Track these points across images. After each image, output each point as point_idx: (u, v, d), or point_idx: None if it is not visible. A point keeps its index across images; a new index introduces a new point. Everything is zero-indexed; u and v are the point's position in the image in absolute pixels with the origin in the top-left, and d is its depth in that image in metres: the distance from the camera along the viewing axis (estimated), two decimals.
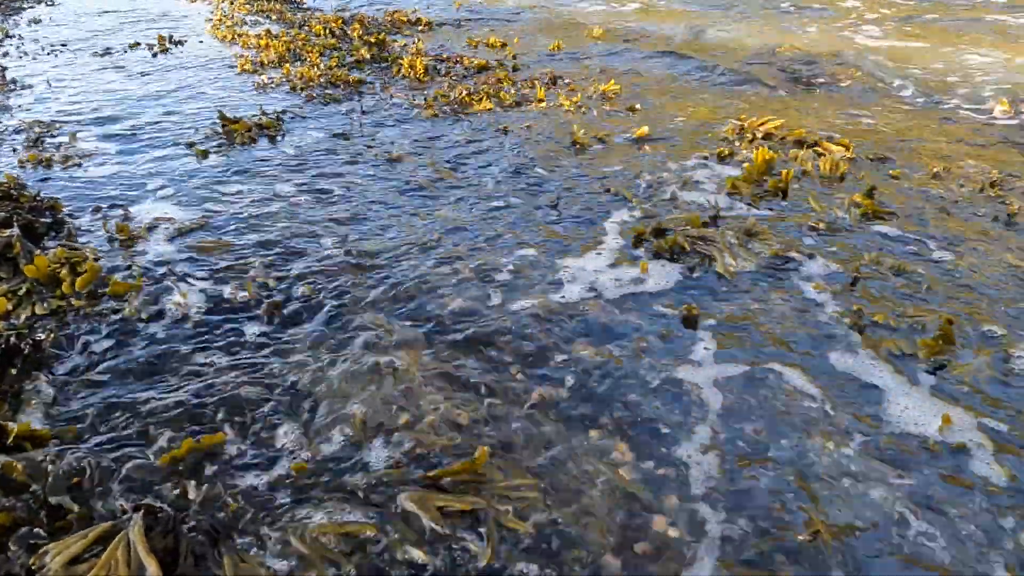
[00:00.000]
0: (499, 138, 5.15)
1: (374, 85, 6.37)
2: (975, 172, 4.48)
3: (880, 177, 4.43)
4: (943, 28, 8.22)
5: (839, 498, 2.16)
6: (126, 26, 9.11)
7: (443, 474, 2.15)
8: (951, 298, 3.14)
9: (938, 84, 6.35)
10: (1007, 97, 5.76)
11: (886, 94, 6.19)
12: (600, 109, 5.81)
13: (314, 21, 8.72)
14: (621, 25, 8.93)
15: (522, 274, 3.36)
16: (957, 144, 5.01)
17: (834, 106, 5.91)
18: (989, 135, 5.19)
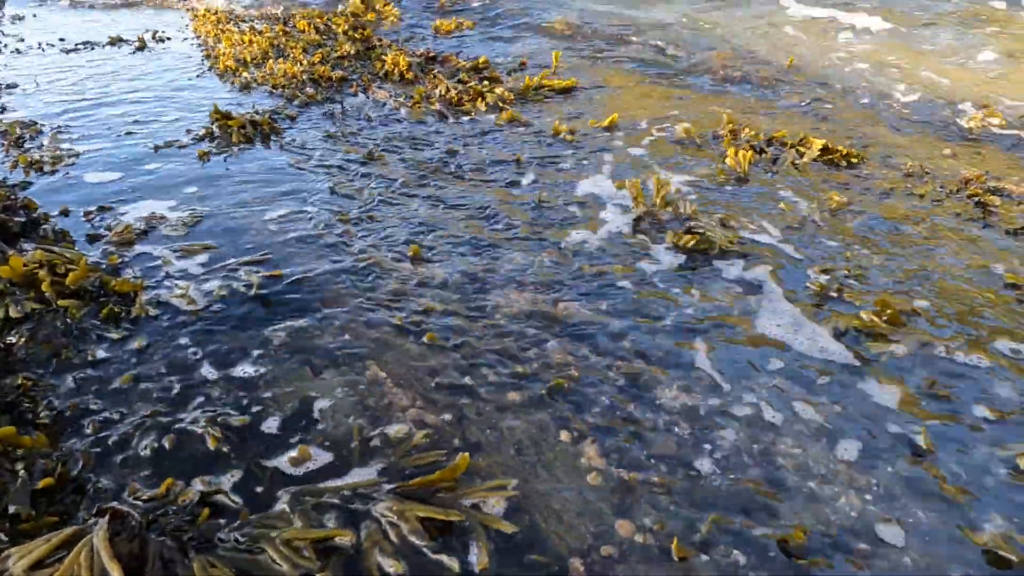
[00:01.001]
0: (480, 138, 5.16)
1: (357, 83, 6.34)
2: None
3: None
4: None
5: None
6: (109, 22, 9.04)
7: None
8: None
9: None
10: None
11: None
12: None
13: (298, 16, 8.67)
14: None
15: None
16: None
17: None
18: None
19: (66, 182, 4.31)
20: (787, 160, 4.65)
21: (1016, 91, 6.00)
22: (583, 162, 4.69)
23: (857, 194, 4.24)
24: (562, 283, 3.29)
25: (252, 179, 4.39)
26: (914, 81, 6.39)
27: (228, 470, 2.23)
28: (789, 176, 4.51)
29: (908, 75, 6.55)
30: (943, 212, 4.04)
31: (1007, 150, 5.05)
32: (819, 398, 2.61)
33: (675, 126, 5.23)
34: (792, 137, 4.95)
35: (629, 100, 6.00)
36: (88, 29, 8.61)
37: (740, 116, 5.52)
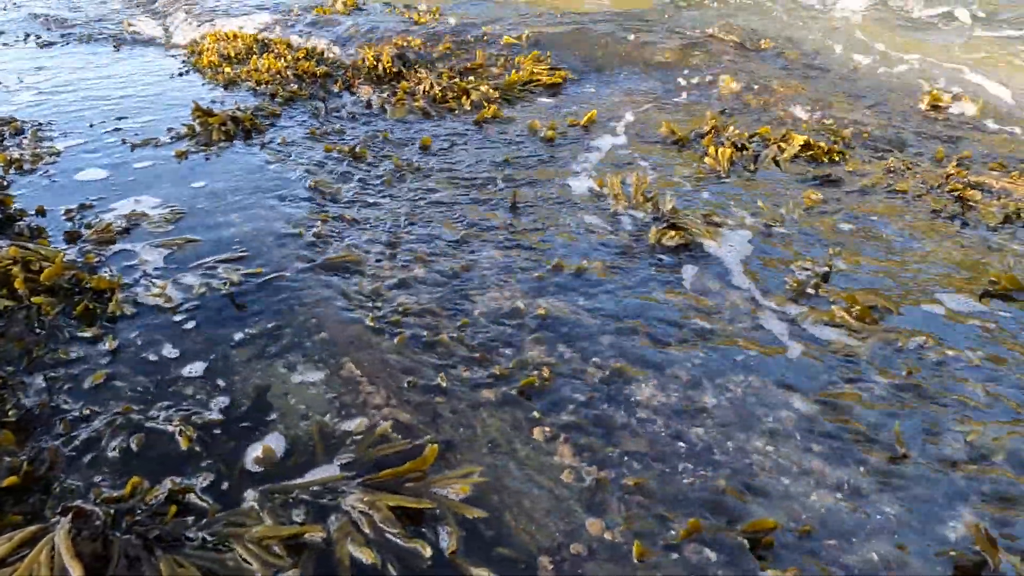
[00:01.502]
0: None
1: (341, 79, 6.32)
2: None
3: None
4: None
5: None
6: (90, 16, 8.98)
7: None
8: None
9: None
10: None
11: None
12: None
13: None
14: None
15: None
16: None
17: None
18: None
19: (46, 179, 4.28)
20: (768, 157, 4.66)
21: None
22: (563, 159, 4.69)
23: (835, 192, 4.25)
24: (540, 281, 3.28)
25: (233, 176, 4.37)
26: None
27: (199, 468, 2.22)
28: (769, 171, 4.52)
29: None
30: (922, 208, 4.06)
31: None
32: (794, 396, 2.62)
33: (660, 125, 5.22)
34: (774, 133, 4.97)
35: (614, 97, 6.00)
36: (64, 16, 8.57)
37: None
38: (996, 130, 5.31)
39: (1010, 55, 6.81)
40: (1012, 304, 3.16)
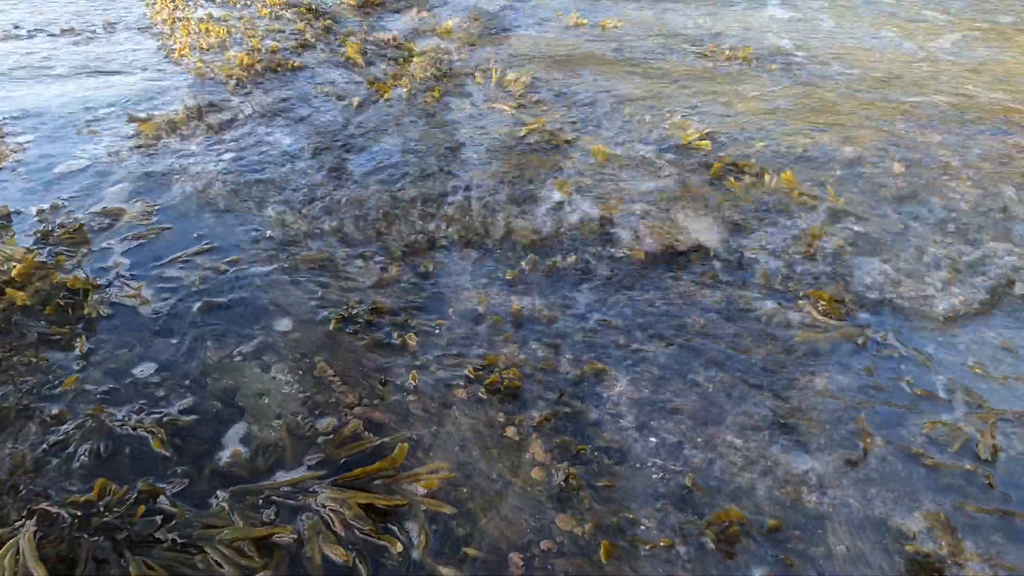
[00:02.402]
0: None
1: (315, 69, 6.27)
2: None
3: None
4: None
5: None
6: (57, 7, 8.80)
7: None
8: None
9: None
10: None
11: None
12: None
13: (259, 4, 8.53)
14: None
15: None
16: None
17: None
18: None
19: (13, 176, 4.21)
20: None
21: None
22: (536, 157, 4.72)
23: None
24: (515, 278, 3.31)
25: (198, 173, 4.31)
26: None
27: (170, 470, 2.22)
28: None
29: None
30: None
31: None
32: (761, 388, 2.67)
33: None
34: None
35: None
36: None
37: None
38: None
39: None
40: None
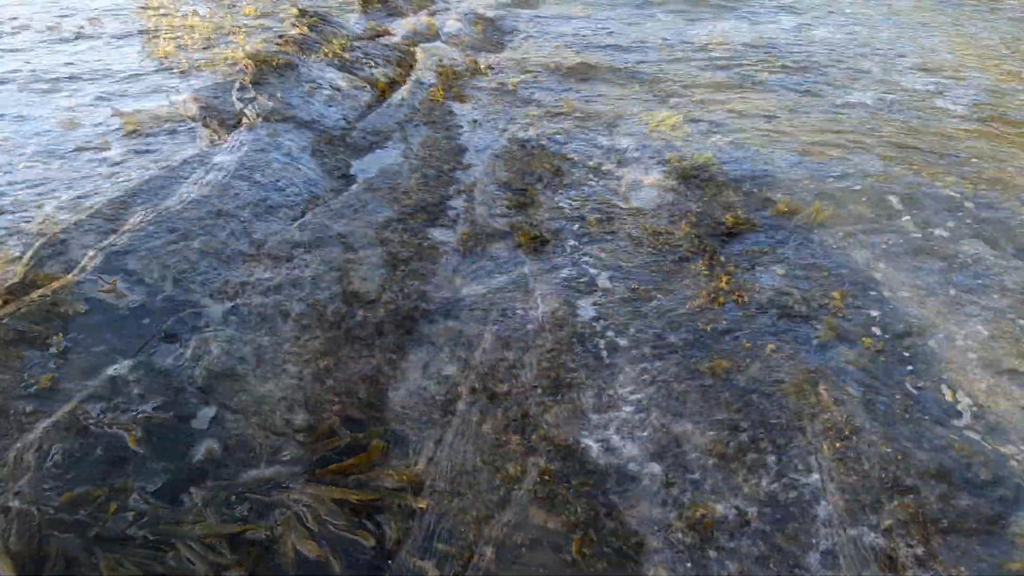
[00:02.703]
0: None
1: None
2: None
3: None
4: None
5: None
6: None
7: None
8: None
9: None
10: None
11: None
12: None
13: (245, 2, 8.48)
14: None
15: None
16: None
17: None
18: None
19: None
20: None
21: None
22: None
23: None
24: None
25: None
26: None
27: (144, 468, 2.16)
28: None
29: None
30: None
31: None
32: None
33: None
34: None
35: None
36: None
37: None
38: None
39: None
40: None
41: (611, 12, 9.85)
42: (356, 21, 9.05)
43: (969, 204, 4.01)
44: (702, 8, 10.18)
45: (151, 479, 2.09)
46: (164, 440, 2.24)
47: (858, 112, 5.54)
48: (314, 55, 6.58)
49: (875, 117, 5.44)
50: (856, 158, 4.64)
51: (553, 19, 9.47)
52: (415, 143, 5.03)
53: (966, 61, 6.92)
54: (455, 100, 6.14)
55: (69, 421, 2.24)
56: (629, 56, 7.48)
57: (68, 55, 6.35)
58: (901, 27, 8.16)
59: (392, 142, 5.02)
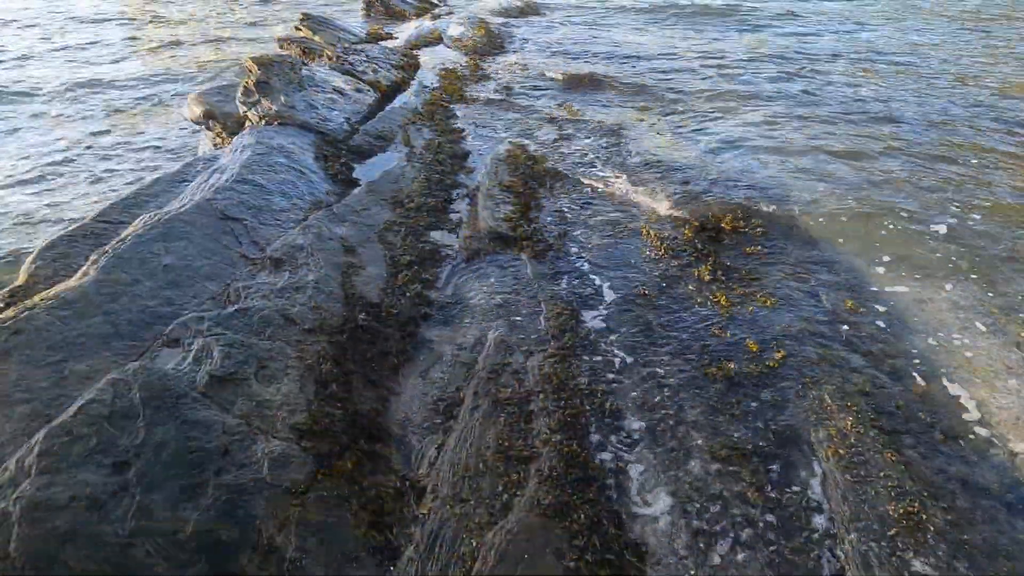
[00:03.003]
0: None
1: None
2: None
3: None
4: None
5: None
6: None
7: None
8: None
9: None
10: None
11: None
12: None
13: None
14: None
15: None
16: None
17: None
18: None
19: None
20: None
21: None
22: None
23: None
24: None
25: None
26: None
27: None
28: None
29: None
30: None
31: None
32: None
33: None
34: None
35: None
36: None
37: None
38: None
39: None
40: None
41: (614, 21, 9.87)
42: (359, 25, 9.07)
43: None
44: (706, 18, 10.22)
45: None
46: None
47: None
48: (317, 58, 6.58)
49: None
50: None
51: (556, 27, 9.48)
52: (418, 146, 5.03)
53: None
54: (458, 103, 6.13)
55: None
56: (631, 65, 7.48)
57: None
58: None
59: (395, 145, 5.02)
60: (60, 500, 1.85)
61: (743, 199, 4.14)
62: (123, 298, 2.74)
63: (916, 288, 3.34)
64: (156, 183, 3.97)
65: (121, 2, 8.50)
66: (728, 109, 5.94)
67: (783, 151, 4.89)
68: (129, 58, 6.64)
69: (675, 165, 4.73)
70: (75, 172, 4.40)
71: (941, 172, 4.53)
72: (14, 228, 3.58)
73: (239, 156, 4.16)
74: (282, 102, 4.98)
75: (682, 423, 2.54)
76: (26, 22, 8.00)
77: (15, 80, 5.81)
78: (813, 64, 7.19)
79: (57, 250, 3.15)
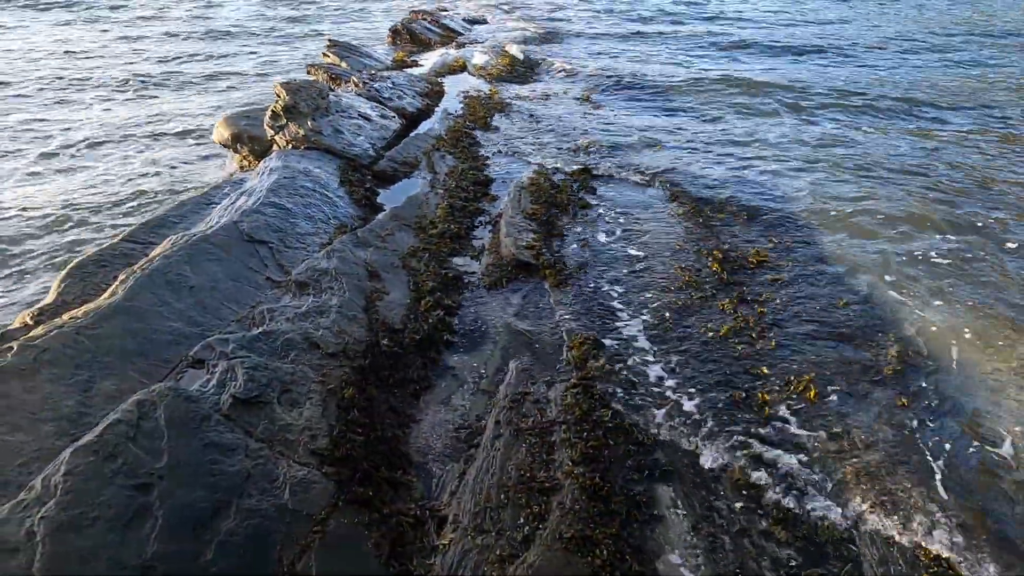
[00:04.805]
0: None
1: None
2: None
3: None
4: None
5: None
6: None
7: None
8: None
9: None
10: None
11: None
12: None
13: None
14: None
15: None
16: None
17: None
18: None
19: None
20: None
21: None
22: None
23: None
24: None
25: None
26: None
27: None
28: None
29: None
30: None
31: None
32: None
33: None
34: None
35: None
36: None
37: None
38: None
39: None
40: None
41: (634, 46, 9.96)
42: (385, 52, 9.22)
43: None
44: (715, 39, 10.30)
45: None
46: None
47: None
48: (344, 84, 6.68)
49: None
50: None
51: (578, 55, 9.57)
52: (441, 172, 5.06)
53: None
54: (481, 130, 6.18)
55: None
56: (651, 92, 7.53)
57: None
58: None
59: (419, 171, 5.06)
60: (84, 520, 1.85)
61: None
62: (149, 318, 2.76)
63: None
64: (183, 205, 4.03)
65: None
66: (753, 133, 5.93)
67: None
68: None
69: (696, 182, 4.74)
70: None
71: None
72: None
73: (266, 179, 4.21)
74: (309, 127, 5.05)
75: (709, 455, 2.51)
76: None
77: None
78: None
79: (86, 269, 3.20)
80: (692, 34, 10.92)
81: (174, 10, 12.29)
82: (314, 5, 14.11)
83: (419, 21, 11.10)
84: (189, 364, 2.59)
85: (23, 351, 2.41)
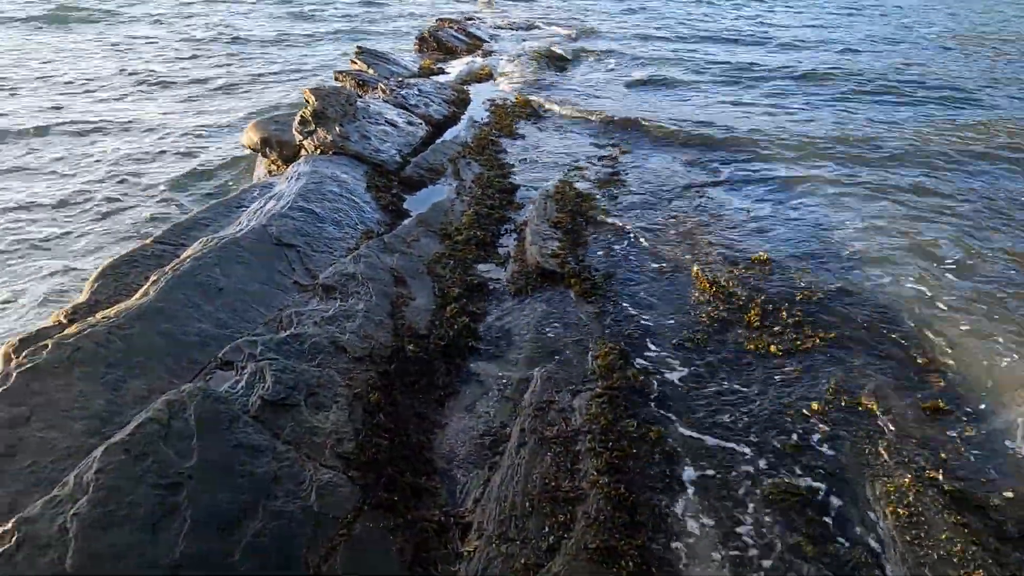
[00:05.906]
0: None
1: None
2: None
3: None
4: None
5: None
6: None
7: None
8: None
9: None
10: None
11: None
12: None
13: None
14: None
15: None
16: None
17: None
18: None
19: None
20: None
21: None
22: None
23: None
24: None
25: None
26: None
27: None
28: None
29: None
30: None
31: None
32: None
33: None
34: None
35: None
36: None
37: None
38: None
39: None
40: None
41: (664, 68, 9.92)
42: (412, 59, 9.28)
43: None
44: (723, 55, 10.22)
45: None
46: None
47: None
48: (371, 91, 6.74)
49: None
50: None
51: (605, 63, 9.57)
52: (467, 179, 5.08)
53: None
54: (507, 138, 6.20)
55: None
56: (682, 108, 7.50)
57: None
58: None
59: (445, 178, 5.08)
60: (115, 518, 1.87)
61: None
62: (180, 319, 2.79)
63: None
64: (213, 208, 4.08)
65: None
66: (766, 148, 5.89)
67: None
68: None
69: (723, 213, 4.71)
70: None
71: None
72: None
73: (294, 184, 4.25)
74: (337, 132, 5.09)
75: (735, 470, 2.49)
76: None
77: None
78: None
79: (119, 270, 3.24)
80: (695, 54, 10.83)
81: (197, 18, 12.49)
82: (339, 13, 14.24)
83: (446, 29, 11.16)
84: (218, 365, 2.62)
85: (57, 349, 2.45)
